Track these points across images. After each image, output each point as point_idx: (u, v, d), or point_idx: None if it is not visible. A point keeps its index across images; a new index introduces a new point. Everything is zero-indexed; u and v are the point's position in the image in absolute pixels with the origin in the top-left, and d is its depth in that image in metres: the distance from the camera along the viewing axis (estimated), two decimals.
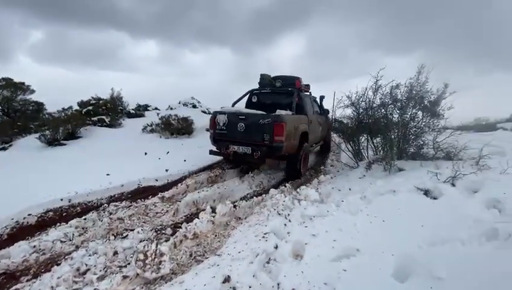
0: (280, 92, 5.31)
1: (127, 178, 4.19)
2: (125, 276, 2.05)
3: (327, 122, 6.43)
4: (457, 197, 2.69)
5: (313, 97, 6.17)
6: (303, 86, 5.58)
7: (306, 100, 5.41)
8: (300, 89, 5.33)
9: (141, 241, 2.58)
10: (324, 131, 6.40)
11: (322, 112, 6.36)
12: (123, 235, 2.74)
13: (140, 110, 11.45)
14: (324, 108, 6.45)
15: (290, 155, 4.56)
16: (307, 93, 5.91)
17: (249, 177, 4.64)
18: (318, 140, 6.16)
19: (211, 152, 4.80)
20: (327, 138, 6.92)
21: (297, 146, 4.61)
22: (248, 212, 3.33)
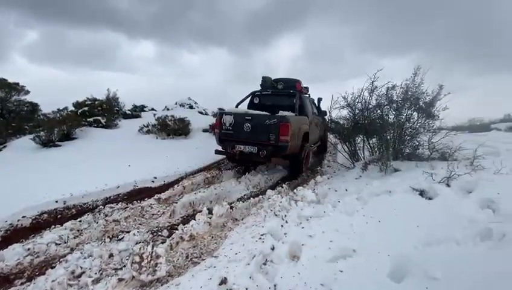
0: (281, 94, 5.47)
1: (123, 179, 4.16)
2: (120, 279, 2.03)
3: (324, 123, 6.58)
4: (452, 197, 2.71)
5: (312, 99, 6.38)
6: (303, 89, 5.76)
7: (306, 102, 5.58)
8: (301, 92, 5.48)
9: (137, 243, 2.57)
10: (321, 132, 6.61)
11: (319, 113, 6.53)
12: (119, 237, 2.72)
13: (136, 110, 11.39)
14: (321, 109, 6.63)
15: (294, 154, 4.68)
16: (306, 95, 6.08)
17: (246, 178, 4.63)
18: (316, 140, 6.33)
19: (217, 152, 4.88)
20: (324, 139, 7.08)
21: (300, 146, 4.75)
22: (245, 213, 3.32)
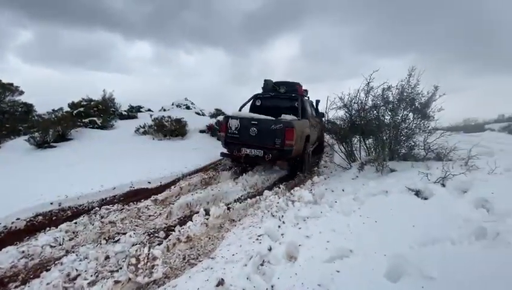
0: (283, 97, 5.61)
1: (119, 180, 4.13)
2: (116, 281, 2.01)
3: (321, 124, 6.70)
4: (447, 197, 2.74)
5: (310, 101, 6.57)
6: (304, 92, 5.96)
7: (307, 105, 5.76)
8: (302, 95, 5.66)
9: (133, 245, 2.55)
10: (319, 133, 6.74)
11: (317, 115, 6.70)
12: (115, 239, 2.70)
13: (132, 111, 11.32)
14: (319, 111, 6.81)
15: (297, 156, 4.83)
16: (306, 98, 6.22)
17: (243, 179, 4.63)
18: (315, 141, 6.46)
19: (222, 154, 5.03)
20: (321, 140, 7.19)
21: (302, 148, 4.92)
22: (242, 214, 3.32)
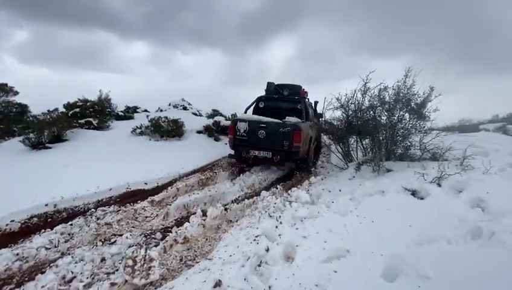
0: (285, 100, 5.77)
1: (116, 182, 4.10)
2: (113, 283, 2.00)
3: (319, 124, 6.70)
4: (443, 197, 2.76)
5: (310, 103, 6.71)
6: (305, 94, 6.10)
7: (308, 107, 5.91)
8: (303, 97, 5.83)
9: (130, 246, 2.53)
10: (317, 133, 6.80)
11: (315, 116, 6.81)
12: (111, 240, 2.68)
13: (129, 112, 11.22)
14: (318, 112, 6.90)
15: (302, 157, 5.03)
16: (306, 99, 6.33)
17: (240, 179, 4.63)
18: (314, 142, 6.43)
19: (230, 156, 5.12)
20: (318, 140, 7.23)
21: (307, 149, 5.16)
22: (239, 215, 3.32)
